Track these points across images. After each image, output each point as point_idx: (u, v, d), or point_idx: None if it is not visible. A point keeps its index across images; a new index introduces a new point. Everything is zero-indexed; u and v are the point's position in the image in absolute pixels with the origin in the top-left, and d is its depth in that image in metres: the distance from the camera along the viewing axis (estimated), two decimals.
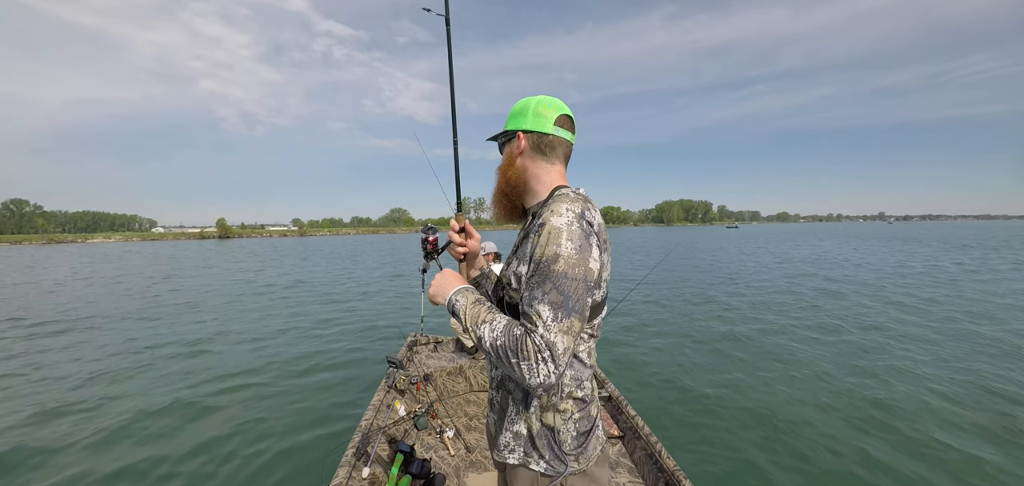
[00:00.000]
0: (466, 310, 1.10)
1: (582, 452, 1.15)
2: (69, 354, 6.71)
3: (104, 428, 4.18)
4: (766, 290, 11.86)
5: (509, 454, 1.18)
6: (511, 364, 0.98)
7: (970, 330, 7.29)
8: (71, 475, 3.44)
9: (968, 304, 9.52)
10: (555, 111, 1.18)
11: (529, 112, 1.18)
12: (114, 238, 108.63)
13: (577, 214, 1.04)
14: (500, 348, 1.00)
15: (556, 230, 1.01)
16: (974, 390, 4.79)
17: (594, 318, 1.15)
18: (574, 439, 1.15)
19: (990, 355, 5.98)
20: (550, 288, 0.98)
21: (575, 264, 1.00)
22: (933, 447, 3.69)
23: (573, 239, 1.01)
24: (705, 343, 6.81)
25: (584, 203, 1.09)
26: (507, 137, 1.24)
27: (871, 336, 6.97)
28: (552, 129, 1.17)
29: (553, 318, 0.97)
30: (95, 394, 5.04)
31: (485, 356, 1.06)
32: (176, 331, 8.18)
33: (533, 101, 1.20)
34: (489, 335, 1.02)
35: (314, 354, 6.56)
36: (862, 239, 41.74)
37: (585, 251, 1.02)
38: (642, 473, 2.65)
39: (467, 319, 1.08)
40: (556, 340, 0.96)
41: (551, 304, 0.98)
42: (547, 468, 1.13)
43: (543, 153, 1.19)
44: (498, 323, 1.04)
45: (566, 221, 1.02)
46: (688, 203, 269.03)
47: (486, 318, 1.06)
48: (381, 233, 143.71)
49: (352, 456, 2.59)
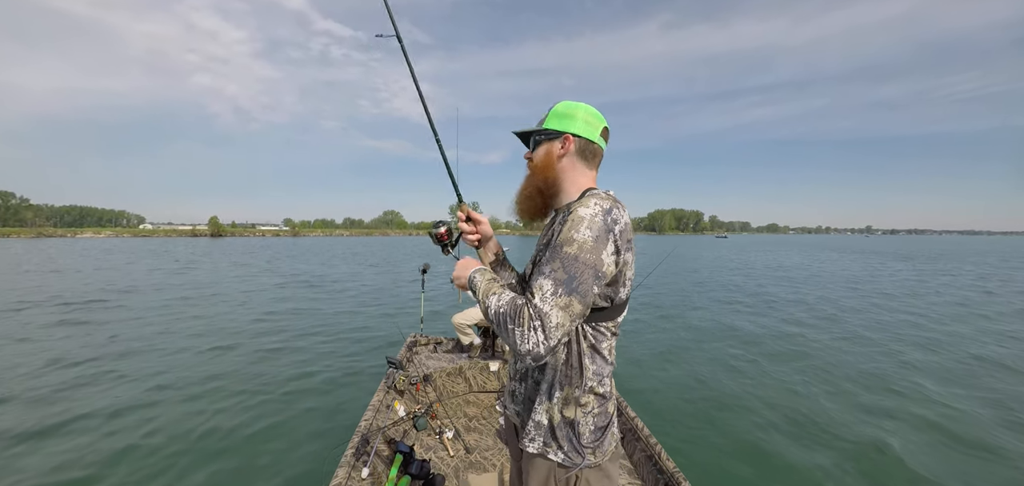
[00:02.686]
0: (481, 286, 1.15)
1: (598, 446, 1.18)
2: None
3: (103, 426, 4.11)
4: (704, 293, 13.41)
5: (529, 443, 1.21)
6: (507, 330, 1.02)
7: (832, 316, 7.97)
8: (73, 475, 3.39)
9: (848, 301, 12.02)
10: (601, 122, 1.24)
11: (579, 117, 1.21)
12: (104, 233, 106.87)
13: (604, 210, 1.08)
14: (501, 314, 1.04)
15: (579, 218, 1.06)
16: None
17: (617, 317, 1.18)
18: (592, 433, 1.17)
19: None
20: (557, 265, 1.03)
21: (588, 251, 1.03)
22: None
23: (592, 229, 1.04)
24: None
25: (613, 202, 1.12)
26: (549, 136, 1.23)
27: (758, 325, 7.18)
28: (598, 139, 1.23)
29: (552, 292, 1.01)
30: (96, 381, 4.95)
31: (494, 327, 1.10)
32: (175, 331, 8.06)
33: (581, 108, 1.23)
34: (495, 303, 1.07)
35: (314, 354, 6.51)
36: (831, 251, 43.42)
37: (600, 242, 1.05)
38: (641, 474, 2.66)
39: (480, 292, 1.14)
40: (550, 312, 0.99)
41: (554, 280, 1.02)
42: (564, 459, 1.16)
43: (586, 160, 1.23)
44: (506, 295, 1.08)
45: (591, 213, 1.06)
46: (680, 212, 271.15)
47: (497, 291, 1.11)
48: (374, 235, 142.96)
49: (351, 456, 2.58)
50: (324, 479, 2.60)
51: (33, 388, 5.01)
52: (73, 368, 5.74)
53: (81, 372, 5.60)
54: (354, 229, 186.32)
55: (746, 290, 14.12)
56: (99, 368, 5.76)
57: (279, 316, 9.39)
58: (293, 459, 3.62)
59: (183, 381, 5.34)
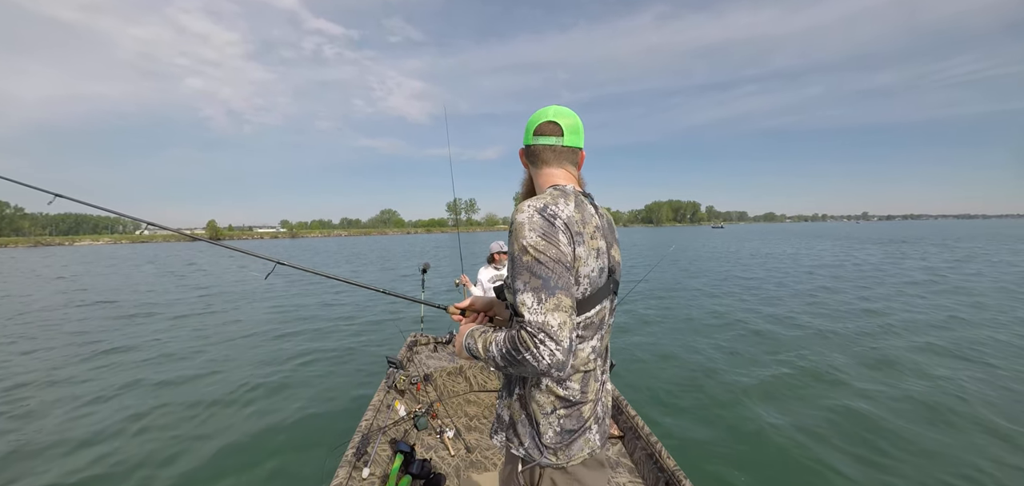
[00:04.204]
0: (479, 343, 1.12)
1: (563, 448, 1.17)
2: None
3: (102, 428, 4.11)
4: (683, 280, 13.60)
5: (494, 436, 1.29)
6: (517, 362, 1.00)
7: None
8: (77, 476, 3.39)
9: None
10: (539, 119, 1.24)
11: (527, 128, 1.28)
12: (102, 240, 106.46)
13: (538, 207, 1.08)
14: (505, 355, 1.03)
15: (519, 224, 1.07)
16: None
17: (578, 315, 1.13)
18: (557, 434, 1.16)
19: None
20: (528, 276, 1.02)
21: (543, 249, 1.03)
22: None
23: (535, 229, 1.05)
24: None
25: (553, 198, 1.12)
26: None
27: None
28: (532, 139, 1.24)
29: (537, 302, 1.00)
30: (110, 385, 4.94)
31: (507, 371, 1.11)
32: (176, 332, 8.06)
33: (532, 117, 1.27)
34: (495, 350, 1.06)
35: (314, 355, 6.52)
36: (819, 239, 43.65)
37: (549, 236, 1.05)
38: (642, 473, 2.66)
39: (481, 351, 1.11)
40: (548, 319, 0.98)
41: (532, 290, 1.01)
42: (525, 455, 1.20)
43: (533, 162, 1.27)
44: (500, 337, 1.07)
45: (527, 215, 1.07)
46: (677, 204, 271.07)
47: (490, 339, 1.09)
48: (372, 234, 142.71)
49: (352, 456, 2.58)
50: (325, 479, 2.60)
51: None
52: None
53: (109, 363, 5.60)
54: (351, 229, 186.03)
55: (718, 276, 14.91)
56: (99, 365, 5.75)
57: (278, 318, 9.37)
58: (294, 459, 3.63)
59: (183, 381, 5.35)
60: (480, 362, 1.18)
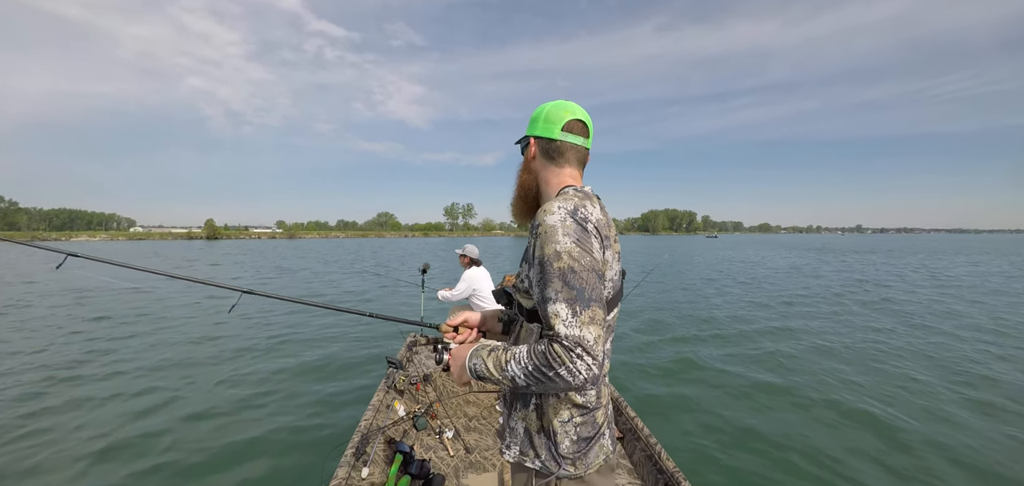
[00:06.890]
0: (489, 363, 1.06)
1: (581, 457, 1.12)
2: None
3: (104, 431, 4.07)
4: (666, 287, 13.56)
5: (507, 450, 1.21)
6: (549, 379, 0.94)
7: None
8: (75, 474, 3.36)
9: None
10: (567, 115, 1.19)
11: (541, 118, 1.21)
12: (98, 236, 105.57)
13: (569, 210, 1.04)
14: (534, 371, 0.96)
15: (551, 229, 1.01)
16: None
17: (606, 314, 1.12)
18: (574, 443, 1.12)
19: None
20: (561, 286, 0.97)
21: (578, 256, 0.98)
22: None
23: (569, 234, 1.00)
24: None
25: (580, 200, 1.08)
26: (524, 143, 1.27)
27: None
28: (559, 135, 1.18)
29: (572, 313, 0.94)
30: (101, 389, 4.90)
31: (530, 389, 1.05)
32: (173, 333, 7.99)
33: (547, 107, 1.22)
34: (519, 369, 0.99)
35: (314, 354, 6.48)
36: (807, 250, 43.65)
37: (584, 241, 1.01)
38: (641, 474, 2.68)
39: (493, 372, 1.04)
40: (584, 333, 0.93)
41: (566, 301, 0.95)
42: (541, 467, 1.13)
43: (552, 158, 1.21)
44: (521, 352, 1.00)
45: (559, 218, 1.02)
46: (673, 213, 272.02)
47: (506, 357, 1.03)
48: (369, 236, 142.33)
49: (351, 456, 2.58)
50: (325, 479, 2.60)
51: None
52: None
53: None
54: (348, 231, 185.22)
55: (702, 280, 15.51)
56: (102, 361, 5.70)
57: (280, 315, 9.32)
58: (293, 459, 3.61)
59: (182, 379, 5.30)
60: (489, 383, 1.09)
